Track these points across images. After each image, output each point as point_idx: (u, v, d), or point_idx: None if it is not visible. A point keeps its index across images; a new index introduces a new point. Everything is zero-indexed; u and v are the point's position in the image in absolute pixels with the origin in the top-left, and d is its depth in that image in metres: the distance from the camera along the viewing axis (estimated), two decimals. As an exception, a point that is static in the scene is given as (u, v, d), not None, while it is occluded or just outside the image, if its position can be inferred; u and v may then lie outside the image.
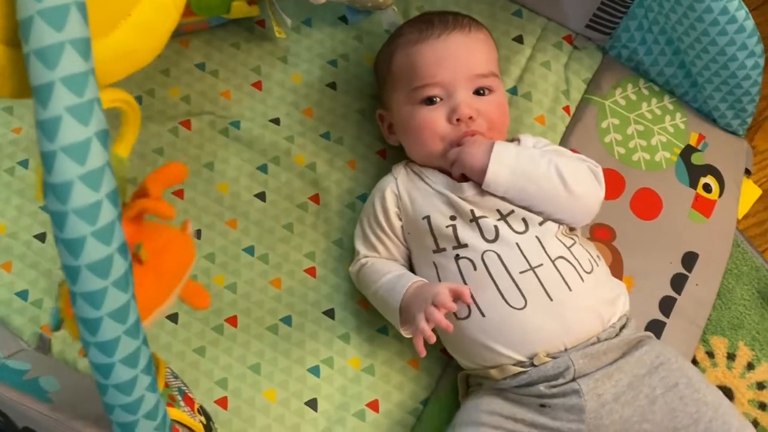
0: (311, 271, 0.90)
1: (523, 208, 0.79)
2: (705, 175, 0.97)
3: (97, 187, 0.37)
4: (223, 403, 0.83)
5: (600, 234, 0.93)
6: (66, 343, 0.85)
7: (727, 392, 0.92)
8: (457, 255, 0.78)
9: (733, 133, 1.00)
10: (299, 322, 0.87)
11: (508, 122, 0.88)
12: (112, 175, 0.38)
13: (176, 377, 0.71)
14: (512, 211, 0.79)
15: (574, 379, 0.73)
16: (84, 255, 0.37)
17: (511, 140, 0.85)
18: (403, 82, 0.85)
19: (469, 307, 0.76)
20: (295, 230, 0.92)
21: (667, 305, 0.90)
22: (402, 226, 0.84)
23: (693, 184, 0.96)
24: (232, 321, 0.87)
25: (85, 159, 0.36)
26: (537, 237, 0.77)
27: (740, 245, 0.98)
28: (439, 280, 0.79)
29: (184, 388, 0.68)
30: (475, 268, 0.77)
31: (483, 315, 0.76)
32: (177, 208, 0.70)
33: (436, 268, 0.80)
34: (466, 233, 0.78)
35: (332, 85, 0.99)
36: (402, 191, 0.84)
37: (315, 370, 0.85)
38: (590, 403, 0.72)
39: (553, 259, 0.76)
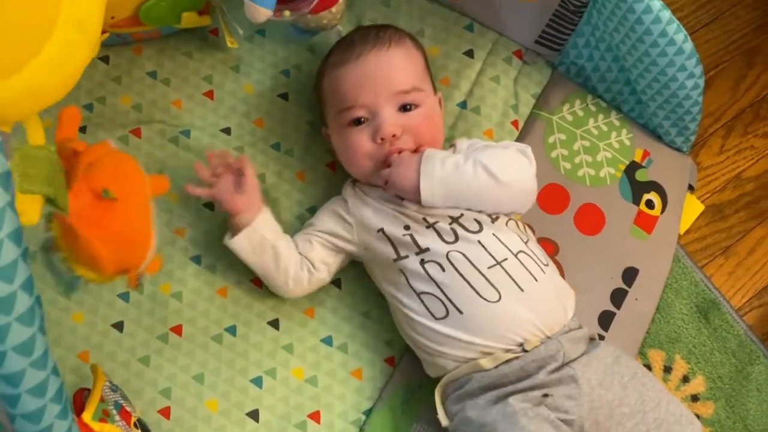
0: (258, 282, 0.91)
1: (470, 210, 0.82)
2: (648, 192, 0.99)
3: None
4: (166, 413, 0.84)
5: (544, 248, 0.94)
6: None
7: (663, 403, 0.95)
8: (422, 260, 0.80)
9: (678, 149, 1.02)
10: (244, 332, 0.89)
11: (441, 132, 0.90)
12: (15, 215, 0.39)
13: (115, 390, 0.71)
14: (462, 215, 0.81)
15: (566, 364, 0.76)
16: (-16, 291, 0.38)
17: (450, 146, 0.88)
18: (332, 104, 0.87)
19: (445, 306, 0.78)
20: (243, 240, 0.93)
21: (606, 319, 0.92)
22: (352, 246, 0.86)
23: (636, 201, 0.98)
24: (177, 330, 0.88)
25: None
26: (494, 234, 0.80)
27: (681, 260, 1.01)
28: (410, 285, 0.81)
29: (121, 401, 0.69)
30: (443, 270, 0.79)
31: (461, 312, 0.78)
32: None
33: (404, 274, 0.81)
34: (425, 239, 0.80)
35: (284, 96, 1.00)
36: (353, 210, 0.86)
37: (258, 381, 0.86)
38: (584, 386, 0.75)
39: (515, 252, 0.79)
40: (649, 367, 0.96)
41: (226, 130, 0.98)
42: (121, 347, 0.87)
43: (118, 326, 0.88)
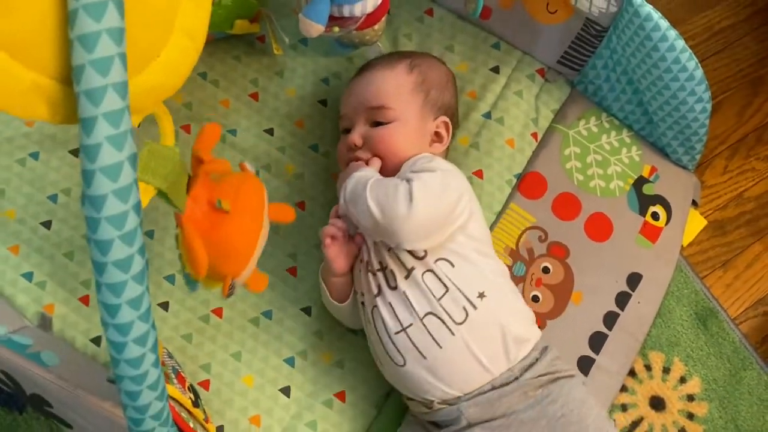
0: (292, 271, 0.99)
1: (393, 258, 0.81)
2: (654, 204, 1.07)
3: (126, 200, 0.46)
4: (205, 385, 0.92)
5: (556, 252, 1.02)
6: (65, 323, 0.93)
7: (660, 402, 1.02)
8: (363, 302, 0.85)
9: (684, 167, 1.10)
10: (279, 317, 0.96)
11: (404, 151, 0.87)
12: (138, 192, 0.47)
13: (171, 357, 0.79)
14: (382, 260, 0.82)
15: (470, 426, 0.77)
16: (111, 254, 0.46)
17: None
18: None
19: (372, 350, 0.86)
20: (280, 232, 1.01)
21: (610, 319, 1.00)
22: None
23: (642, 212, 1.06)
24: (218, 312, 0.96)
25: (118, 177, 0.45)
26: (404, 292, 0.79)
27: (683, 270, 1.09)
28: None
29: (177, 367, 0.77)
30: (368, 321, 0.83)
31: (382, 364, 0.85)
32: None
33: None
34: (364, 282, 0.84)
35: (323, 102, 1.08)
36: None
37: (290, 361, 0.94)
38: None
39: (421, 317, 0.78)
40: (649, 367, 1.03)
41: (269, 131, 1.06)
42: (166, 324, 0.95)
43: (164, 306, 0.96)
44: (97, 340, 0.93)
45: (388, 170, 0.87)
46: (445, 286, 0.78)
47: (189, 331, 0.95)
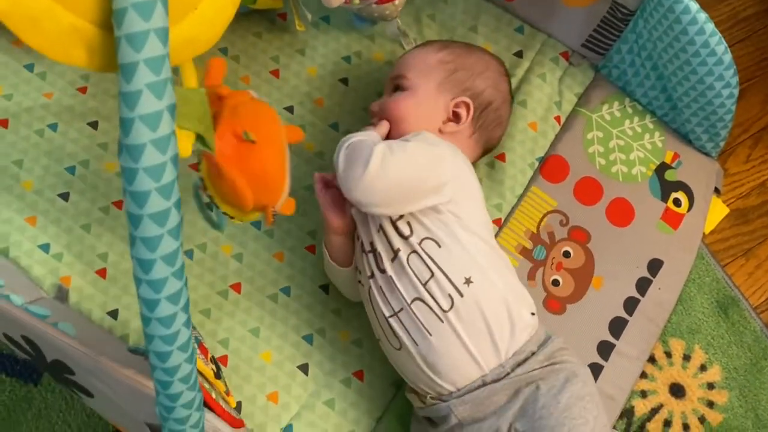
0: (311, 249, 0.98)
1: (380, 238, 0.79)
2: (676, 191, 1.06)
3: (164, 150, 0.45)
4: (223, 360, 0.91)
5: (577, 236, 1.01)
6: (82, 295, 0.92)
7: (680, 389, 1.01)
8: (360, 281, 0.84)
9: (707, 154, 1.09)
10: (297, 294, 0.95)
11: (409, 119, 0.86)
12: (176, 141, 0.46)
13: (194, 327, 0.78)
14: (372, 241, 0.80)
15: (462, 426, 0.76)
16: (147, 206, 0.45)
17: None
18: None
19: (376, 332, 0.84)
20: (300, 210, 0.99)
21: (631, 305, 0.99)
22: None
23: (664, 198, 1.05)
24: (236, 287, 0.95)
25: (157, 126, 0.44)
26: (391, 277, 0.77)
27: (705, 258, 1.08)
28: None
29: (200, 338, 0.76)
30: (368, 302, 0.82)
31: (382, 344, 0.83)
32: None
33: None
34: (360, 261, 0.83)
35: (344, 80, 1.07)
36: None
37: (308, 338, 0.93)
38: None
39: (409, 302, 0.76)
40: (669, 354, 1.02)
41: (290, 108, 1.05)
42: (183, 299, 0.94)
43: (181, 280, 0.95)
44: (113, 314, 0.92)
45: (394, 138, 0.85)
46: (430, 270, 0.75)
47: (207, 306, 0.94)
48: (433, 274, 0.75)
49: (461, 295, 0.74)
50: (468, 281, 0.75)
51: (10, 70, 1.02)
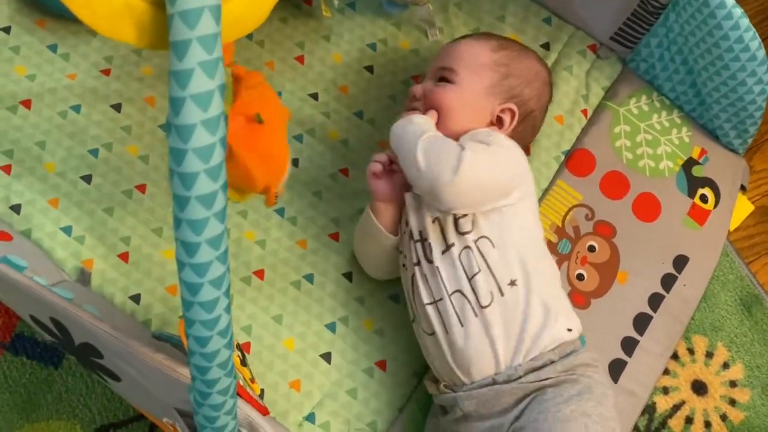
0: (335, 236, 0.97)
1: (434, 229, 0.80)
2: (703, 187, 1.05)
3: (214, 131, 0.44)
4: (246, 347, 0.91)
5: (602, 230, 1.00)
6: (104, 279, 0.92)
7: (703, 386, 1.01)
8: (404, 265, 0.85)
9: (734, 151, 1.08)
10: (320, 281, 0.95)
11: (453, 115, 0.85)
12: (225, 123, 0.45)
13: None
14: (423, 230, 0.81)
15: (467, 419, 0.77)
16: (195, 188, 0.44)
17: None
18: None
19: (411, 313, 0.85)
20: (324, 197, 0.99)
21: (655, 301, 0.98)
22: None
23: (691, 194, 1.04)
24: (259, 274, 0.94)
25: (208, 107, 0.43)
26: (437, 267, 0.79)
27: (729, 255, 1.07)
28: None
29: (226, 324, 0.75)
30: (411, 285, 0.83)
31: (417, 326, 0.84)
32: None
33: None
34: (408, 249, 0.83)
35: (369, 68, 1.06)
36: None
37: (331, 326, 0.93)
38: None
39: (449, 293, 0.78)
40: (692, 351, 1.02)
41: (314, 95, 1.04)
42: (205, 285, 0.94)
43: (203, 266, 0.94)
44: (135, 298, 0.91)
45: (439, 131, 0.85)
46: (479, 267, 0.77)
47: (230, 292, 0.93)
48: (480, 271, 0.77)
49: (502, 294, 0.76)
50: (513, 283, 0.76)
51: (34, 50, 1.01)
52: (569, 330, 0.77)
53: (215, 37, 0.43)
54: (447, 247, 0.79)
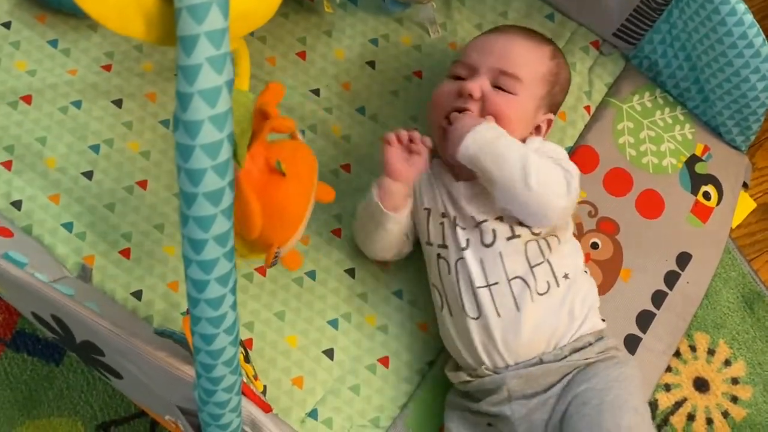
0: (337, 232, 0.97)
1: (499, 218, 0.82)
2: (706, 184, 1.05)
3: (221, 128, 0.43)
4: (248, 344, 0.90)
5: (605, 227, 1.00)
6: (105, 275, 0.91)
7: (704, 383, 1.01)
8: (439, 254, 0.85)
9: (736, 148, 1.08)
10: (323, 278, 0.94)
11: (524, 130, 0.87)
12: (231, 118, 0.44)
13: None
14: (485, 220, 0.82)
15: (510, 401, 0.79)
16: (202, 185, 0.44)
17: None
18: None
19: (442, 302, 0.85)
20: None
21: (658, 298, 0.98)
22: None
23: (694, 191, 1.04)
24: (261, 270, 0.94)
25: (216, 102, 0.43)
26: (500, 253, 0.81)
27: (731, 252, 1.07)
28: (428, 273, 0.87)
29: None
30: (449, 272, 0.84)
31: (451, 314, 0.84)
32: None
33: (428, 260, 0.88)
34: (449, 235, 0.84)
35: (371, 64, 1.05)
36: (421, 180, 0.89)
37: (334, 323, 0.92)
38: (521, 428, 0.78)
39: (509, 278, 0.80)
40: (694, 348, 1.02)
41: (316, 91, 1.03)
42: (207, 282, 0.93)
43: (205, 262, 0.94)
44: (137, 294, 0.91)
45: None
46: (543, 257, 0.81)
47: (232, 289, 0.93)
48: (543, 262, 0.81)
49: (558, 285, 0.81)
50: (566, 276, 0.82)
51: (34, 45, 1.01)
52: (603, 320, 0.85)
53: (223, 32, 0.42)
54: (513, 236, 0.82)
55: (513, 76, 0.86)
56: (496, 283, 0.80)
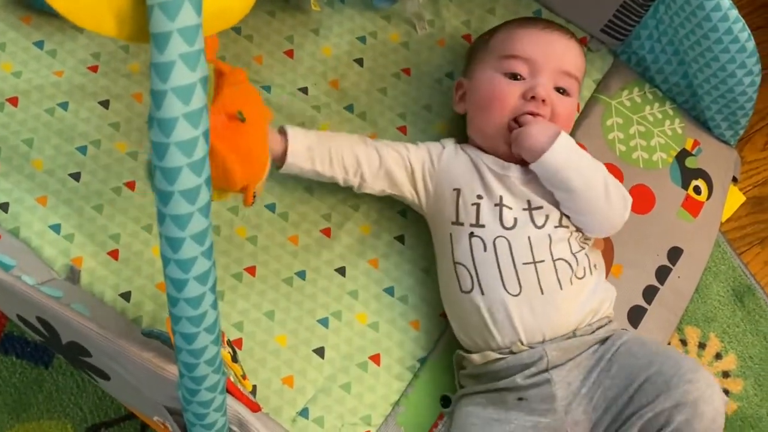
0: (326, 232, 0.96)
1: (554, 206, 0.84)
2: (696, 178, 1.05)
3: (196, 125, 0.43)
4: (238, 344, 0.90)
5: (595, 223, 1.00)
6: (94, 276, 0.91)
7: (695, 378, 1.00)
8: (472, 233, 0.85)
9: (725, 142, 1.08)
10: (312, 277, 0.94)
11: (570, 130, 0.93)
12: (207, 115, 0.44)
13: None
14: (541, 207, 0.84)
15: (547, 370, 0.80)
16: (178, 182, 0.44)
17: None
18: (496, 51, 0.90)
19: (472, 282, 0.84)
20: (315, 193, 0.98)
21: (650, 293, 0.98)
22: (424, 186, 0.89)
23: (685, 185, 1.04)
24: (251, 270, 0.94)
25: (190, 100, 0.42)
26: (549, 235, 0.84)
27: (721, 246, 1.07)
28: (452, 252, 0.86)
29: (216, 321, 0.75)
30: (485, 249, 0.84)
31: (482, 293, 0.83)
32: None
33: (451, 239, 0.86)
34: (488, 215, 0.85)
35: (359, 61, 1.05)
36: (444, 158, 0.89)
37: (324, 321, 0.92)
38: (560, 391, 0.80)
39: (554, 258, 0.83)
40: (685, 342, 1.02)
41: (304, 90, 1.03)
42: (196, 282, 0.93)
43: (194, 262, 0.94)
44: (126, 296, 0.90)
45: None
46: (581, 247, 0.86)
47: (222, 288, 0.92)
48: (582, 249, 0.86)
49: (591, 273, 0.86)
50: (595, 267, 0.88)
51: (20, 47, 1.00)
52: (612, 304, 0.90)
53: (196, 29, 0.42)
54: (561, 225, 0.85)
55: (573, 76, 0.89)
56: (542, 261, 0.82)
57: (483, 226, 0.84)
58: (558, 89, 0.88)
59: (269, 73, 1.03)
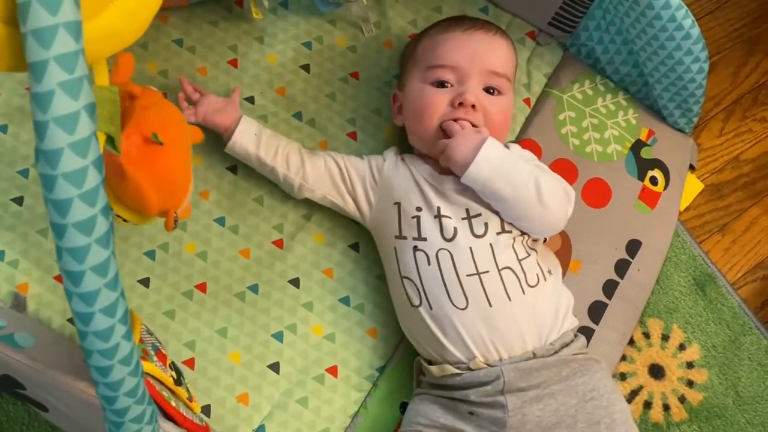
0: (279, 243, 0.95)
1: (494, 212, 0.82)
2: (652, 169, 1.04)
3: (84, 154, 0.41)
4: (190, 363, 0.88)
5: (551, 219, 0.99)
6: (41, 302, 0.89)
7: (660, 370, 1.00)
8: (415, 246, 0.83)
9: (680, 130, 1.07)
10: (265, 290, 0.93)
11: (508, 129, 0.92)
12: (98, 144, 0.42)
13: (151, 334, 0.75)
14: (479, 214, 0.82)
15: (503, 393, 0.77)
16: (70, 215, 0.42)
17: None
18: (422, 62, 0.89)
19: (420, 297, 0.82)
20: (265, 203, 0.97)
21: (610, 288, 0.97)
22: (366, 199, 0.89)
23: (641, 177, 1.03)
24: (202, 287, 0.92)
25: (74, 129, 0.41)
26: (491, 244, 0.81)
27: (680, 235, 1.06)
28: (398, 267, 0.85)
29: (158, 344, 0.73)
30: (428, 263, 0.82)
31: (431, 308, 0.82)
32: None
33: (396, 253, 0.85)
34: (429, 227, 0.83)
35: (305, 67, 1.03)
36: (384, 171, 0.89)
37: (279, 336, 0.91)
38: (513, 419, 0.77)
39: (499, 268, 0.80)
40: (648, 335, 1.01)
41: (250, 99, 1.01)
42: (147, 301, 0.91)
43: (144, 282, 0.92)
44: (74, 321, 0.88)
45: None
46: (528, 253, 0.83)
47: (171, 307, 0.91)
48: (529, 256, 0.83)
49: (545, 279, 0.83)
50: (549, 272, 0.84)
51: (-45, 70, 0.98)
52: (575, 316, 0.86)
53: (75, 55, 0.40)
54: (503, 231, 0.82)
55: (502, 75, 0.87)
56: (486, 272, 0.80)
57: (425, 239, 0.83)
58: (488, 90, 0.86)
59: (214, 84, 1.01)
